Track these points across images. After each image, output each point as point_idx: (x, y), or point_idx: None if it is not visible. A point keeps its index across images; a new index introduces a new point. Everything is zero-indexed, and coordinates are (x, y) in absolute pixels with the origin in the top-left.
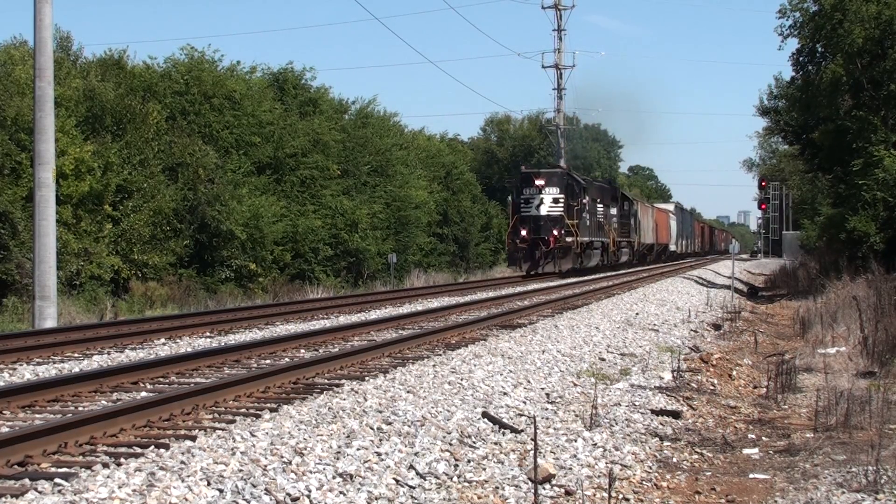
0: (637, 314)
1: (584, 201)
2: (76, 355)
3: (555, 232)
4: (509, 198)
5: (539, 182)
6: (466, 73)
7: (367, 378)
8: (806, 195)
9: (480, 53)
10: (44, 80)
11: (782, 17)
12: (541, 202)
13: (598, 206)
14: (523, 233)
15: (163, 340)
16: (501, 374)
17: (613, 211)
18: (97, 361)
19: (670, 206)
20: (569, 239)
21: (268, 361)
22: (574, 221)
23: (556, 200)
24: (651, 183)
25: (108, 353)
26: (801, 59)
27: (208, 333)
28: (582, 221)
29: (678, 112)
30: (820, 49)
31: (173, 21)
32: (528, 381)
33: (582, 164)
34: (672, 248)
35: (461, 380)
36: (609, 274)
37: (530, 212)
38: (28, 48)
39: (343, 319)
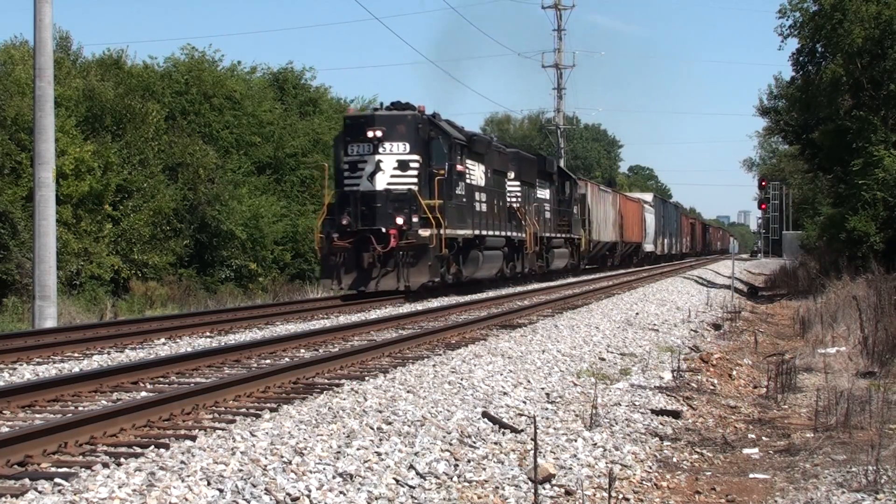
0: (637, 314)
1: (467, 168)
2: (76, 355)
3: (399, 220)
4: (327, 164)
5: (374, 133)
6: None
7: (367, 378)
8: (806, 195)
9: (480, 53)
10: (44, 80)
11: (782, 17)
12: (377, 168)
13: (512, 183)
14: (344, 221)
15: (163, 340)
16: (501, 374)
17: (543, 193)
18: (97, 361)
19: (646, 196)
20: (425, 232)
21: (268, 361)
22: (436, 202)
23: (403, 165)
24: (651, 183)
25: (108, 353)
26: (801, 59)
27: (208, 333)
28: (455, 201)
29: (678, 112)
30: (820, 49)
31: (173, 21)
32: (528, 381)
33: (582, 165)
34: (648, 247)
35: (461, 379)
36: (607, 274)
37: (358, 185)
38: (28, 48)
39: (343, 319)
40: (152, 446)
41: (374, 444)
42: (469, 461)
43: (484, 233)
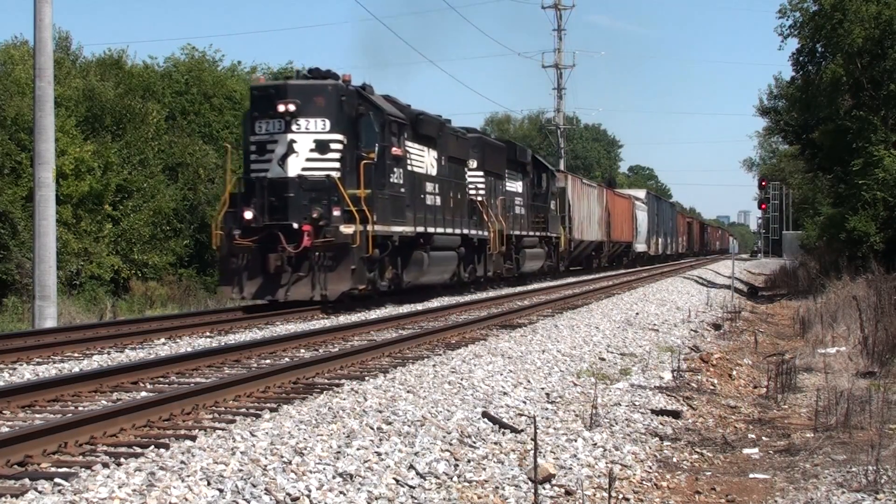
0: (637, 314)
1: (408, 153)
2: (76, 355)
3: (314, 213)
4: (229, 146)
5: (287, 106)
6: (466, 73)
7: (367, 378)
8: (806, 195)
9: (480, 53)
10: (44, 80)
11: (782, 17)
12: (289, 149)
13: (475, 173)
14: (248, 215)
15: (163, 340)
16: (501, 374)
17: (514, 186)
18: (97, 361)
19: (639, 193)
20: (347, 229)
21: (268, 361)
22: (363, 191)
23: (322, 146)
24: (651, 183)
25: (108, 353)
26: (801, 59)
27: (208, 333)
28: (390, 191)
29: (678, 112)
30: (820, 49)
31: (173, 21)
32: (528, 381)
33: (582, 164)
34: (639, 247)
35: (461, 379)
36: (618, 272)
37: (267, 170)
38: (28, 48)
39: (343, 319)
40: (152, 446)
41: (374, 444)
42: (469, 461)
43: (431, 230)
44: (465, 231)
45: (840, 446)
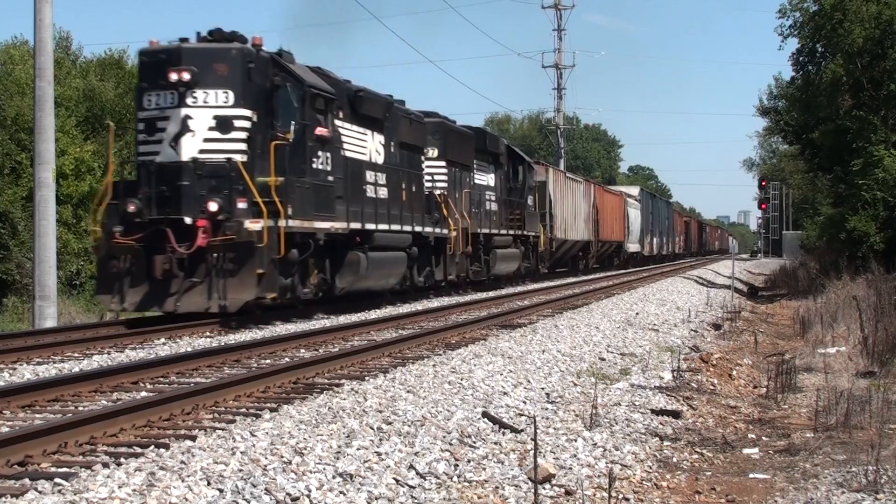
0: (637, 314)
1: (342, 134)
2: (76, 355)
3: (212, 205)
4: (111, 124)
5: (181, 75)
6: (466, 73)
7: (367, 378)
8: (806, 195)
9: (480, 53)
10: (44, 80)
11: (782, 17)
12: (184, 127)
13: (435, 163)
14: (130, 208)
15: (163, 340)
16: (501, 374)
17: (485, 179)
18: (97, 361)
19: (632, 190)
20: (254, 224)
21: (268, 361)
22: (274, 179)
23: (224, 123)
24: (651, 183)
25: (108, 353)
26: (801, 59)
27: (208, 333)
28: (313, 179)
29: (678, 112)
30: (820, 49)
31: (173, 21)
32: (528, 381)
33: (582, 164)
34: (632, 247)
35: (461, 379)
36: (607, 274)
37: (157, 153)
38: (28, 48)
39: (343, 319)
40: (152, 446)
41: (374, 444)
42: (469, 461)
43: (371, 226)
44: (419, 228)
45: (840, 446)
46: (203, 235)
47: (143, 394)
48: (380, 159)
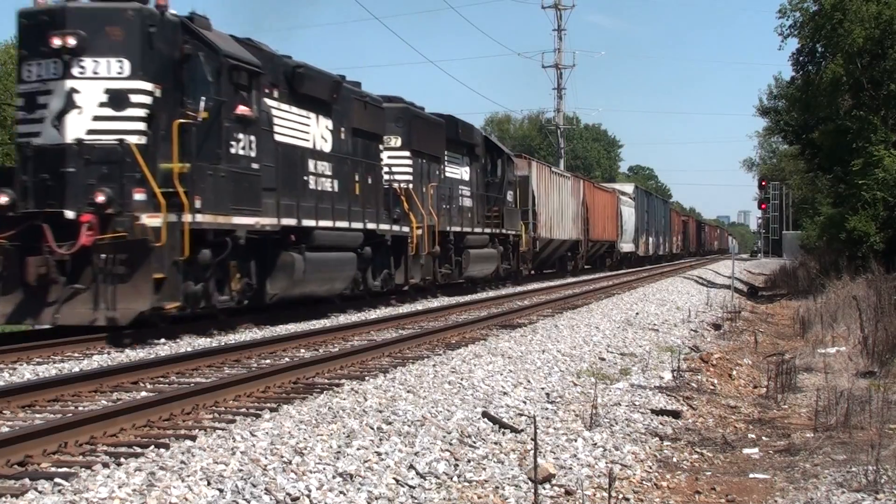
0: (637, 314)
1: (273, 115)
2: (76, 355)
3: (99, 197)
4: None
5: (65, 40)
6: (466, 73)
7: (367, 378)
8: (806, 195)
9: (480, 53)
10: None
11: (782, 17)
12: (68, 102)
13: (397, 154)
14: (2, 200)
15: (163, 340)
16: (501, 374)
17: (457, 172)
18: (97, 361)
19: (626, 187)
20: (152, 219)
21: (268, 361)
22: (179, 166)
23: (118, 98)
24: (651, 183)
25: (108, 353)
26: (801, 59)
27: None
28: (229, 166)
29: (678, 112)
30: (820, 49)
31: None
32: (528, 381)
33: (582, 164)
34: (625, 247)
35: (461, 379)
36: (597, 276)
37: (37, 133)
38: None
39: (343, 319)
40: (152, 446)
41: (374, 443)
42: (469, 461)
43: (311, 223)
44: (373, 226)
45: (840, 446)
46: (88, 233)
47: (143, 394)
48: (326, 147)
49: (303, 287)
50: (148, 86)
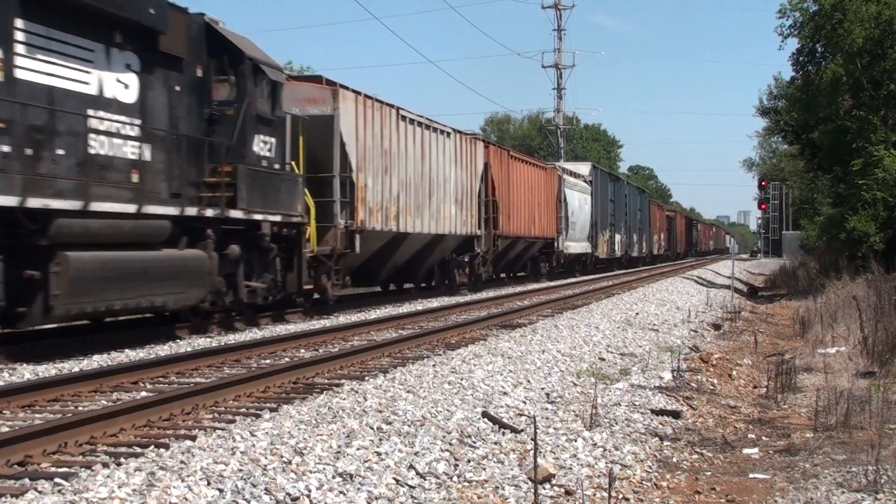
0: (637, 314)
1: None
2: (76, 355)
3: None
4: None
5: None
6: (466, 73)
7: (367, 378)
8: (806, 195)
9: (480, 53)
10: None
11: (782, 17)
12: None
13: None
14: None
15: (162, 339)
16: (501, 374)
17: (93, 79)
18: (97, 361)
19: (579, 167)
20: None
21: (268, 361)
22: None
23: None
24: (651, 183)
25: (108, 353)
26: (801, 59)
27: (208, 333)
28: None
29: (678, 112)
30: (820, 49)
31: None
32: (528, 381)
33: None
34: (573, 247)
35: (461, 380)
36: (606, 274)
37: None
38: None
39: (343, 319)
40: (152, 446)
41: (374, 443)
42: (469, 461)
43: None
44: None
45: (840, 446)
46: None
47: (143, 394)
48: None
49: None
50: None
